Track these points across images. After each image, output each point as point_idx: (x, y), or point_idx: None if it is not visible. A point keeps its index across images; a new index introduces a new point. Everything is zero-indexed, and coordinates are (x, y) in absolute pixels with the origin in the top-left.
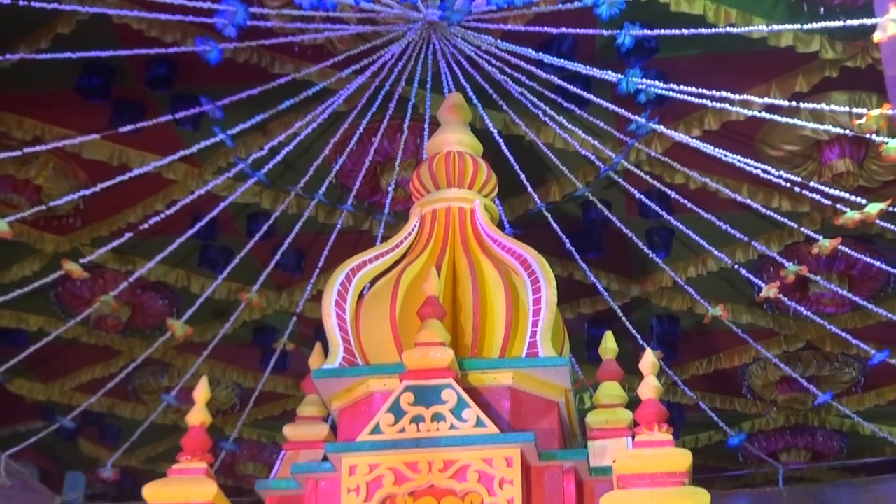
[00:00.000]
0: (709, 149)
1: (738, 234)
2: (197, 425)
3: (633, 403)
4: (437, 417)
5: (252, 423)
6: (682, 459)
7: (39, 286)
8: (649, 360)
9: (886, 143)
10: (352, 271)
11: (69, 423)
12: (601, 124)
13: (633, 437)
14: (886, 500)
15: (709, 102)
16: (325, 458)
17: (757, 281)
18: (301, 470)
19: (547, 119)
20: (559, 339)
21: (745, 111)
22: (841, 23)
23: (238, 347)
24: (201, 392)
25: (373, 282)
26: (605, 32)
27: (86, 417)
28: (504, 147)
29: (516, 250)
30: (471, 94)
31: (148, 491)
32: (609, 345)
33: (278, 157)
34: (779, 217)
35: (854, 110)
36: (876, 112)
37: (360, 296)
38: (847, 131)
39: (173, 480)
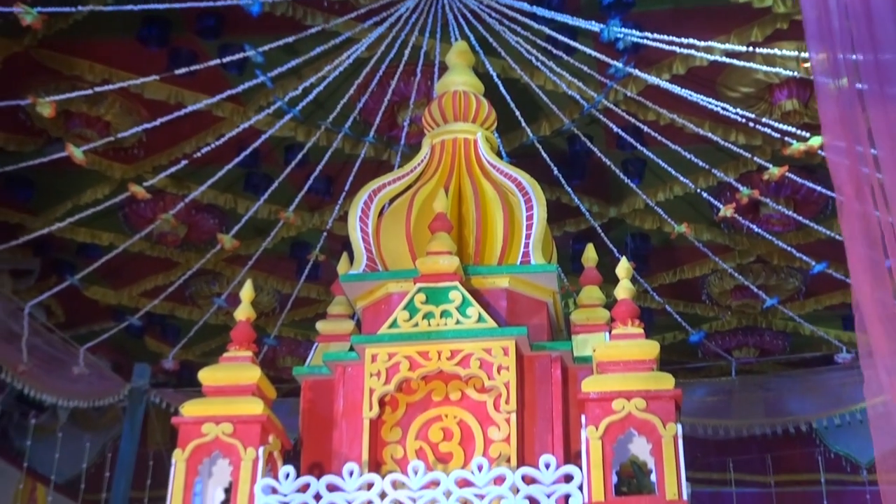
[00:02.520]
0: (676, 90)
1: (701, 164)
2: (244, 320)
3: (610, 306)
4: (445, 314)
5: (289, 323)
6: (651, 349)
7: (110, 206)
8: (624, 267)
9: None
10: (373, 192)
11: (136, 322)
12: (585, 69)
13: (610, 332)
14: (821, 388)
15: (677, 49)
16: (351, 349)
17: (716, 203)
18: (331, 358)
19: (539, 64)
20: (548, 250)
21: (708, 56)
22: None
23: (277, 259)
24: (247, 292)
25: (391, 201)
26: None
27: (150, 318)
28: (502, 88)
29: (512, 175)
30: (474, 42)
31: (203, 375)
32: (590, 255)
33: (310, 97)
34: (735, 149)
35: (801, 55)
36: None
37: (381, 213)
38: (795, 74)
39: (224, 366)
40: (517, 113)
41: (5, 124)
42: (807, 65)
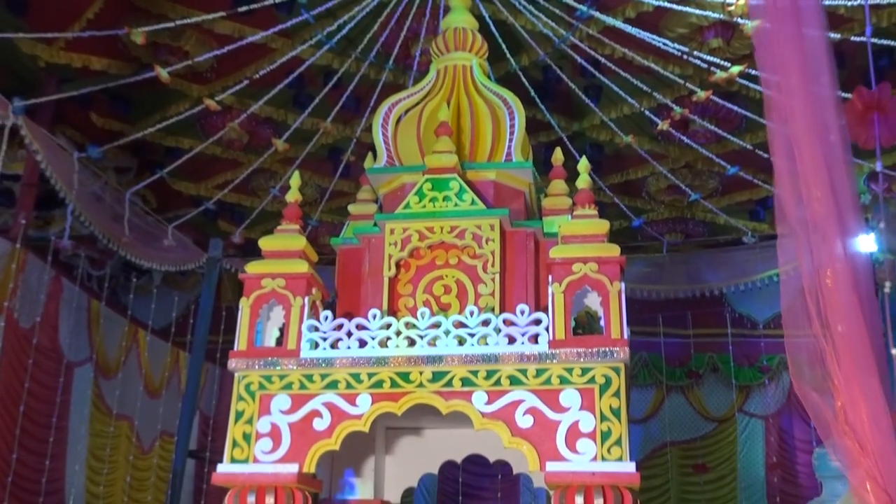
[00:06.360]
0: (628, 29)
1: (645, 88)
2: (292, 201)
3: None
4: (446, 199)
5: (327, 210)
6: (602, 226)
7: (189, 118)
8: (583, 164)
9: (747, 24)
10: (392, 105)
11: (211, 207)
12: (557, 11)
13: (572, 214)
14: (730, 263)
15: None
16: (374, 225)
17: (656, 120)
18: (360, 231)
19: (521, 8)
20: (526, 152)
21: (653, 2)
22: None
23: (319, 161)
24: (295, 180)
25: (406, 112)
26: None
27: (221, 205)
28: (492, 26)
29: (499, 92)
30: None
31: (262, 241)
32: (558, 156)
33: (343, 32)
34: (672, 77)
35: (726, 1)
36: (742, 2)
37: (398, 121)
38: (720, 17)
39: (278, 235)
40: (503, 46)
41: (108, 52)
42: (730, 9)
